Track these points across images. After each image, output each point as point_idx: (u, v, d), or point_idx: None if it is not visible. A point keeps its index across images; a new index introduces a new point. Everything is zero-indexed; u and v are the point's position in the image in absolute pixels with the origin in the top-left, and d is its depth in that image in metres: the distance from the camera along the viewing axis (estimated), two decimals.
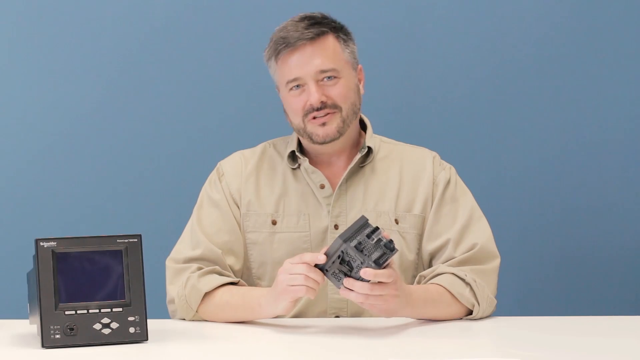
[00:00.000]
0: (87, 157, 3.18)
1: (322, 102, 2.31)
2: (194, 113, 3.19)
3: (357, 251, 2.02)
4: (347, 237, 2.02)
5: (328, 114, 2.32)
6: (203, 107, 3.19)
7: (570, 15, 3.18)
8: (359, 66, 2.42)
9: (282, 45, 2.32)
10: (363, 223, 2.04)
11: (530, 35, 3.19)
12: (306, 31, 2.32)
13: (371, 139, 2.43)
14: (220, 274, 2.33)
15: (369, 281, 2.04)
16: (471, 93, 3.20)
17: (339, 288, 2.08)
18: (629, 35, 3.18)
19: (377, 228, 2.03)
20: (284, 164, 2.43)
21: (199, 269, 2.33)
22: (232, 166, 2.45)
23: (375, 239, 2.03)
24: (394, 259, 2.08)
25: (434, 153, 2.47)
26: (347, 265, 2.05)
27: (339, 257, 2.04)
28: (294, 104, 2.34)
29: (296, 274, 2.09)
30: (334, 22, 2.37)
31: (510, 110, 3.20)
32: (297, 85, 2.33)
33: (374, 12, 3.16)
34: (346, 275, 2.05)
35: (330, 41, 2.34)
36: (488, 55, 3.19)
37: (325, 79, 2.33)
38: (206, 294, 2.29)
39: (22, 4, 3.16)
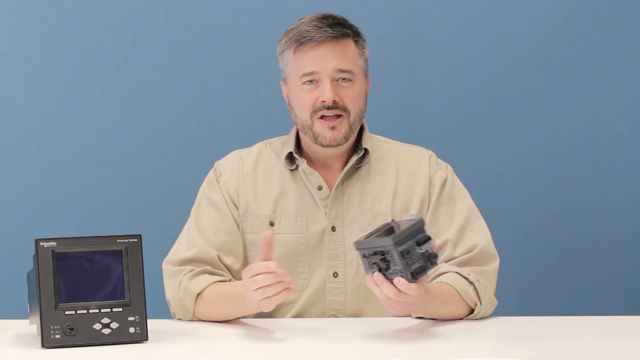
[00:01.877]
0: (87, 157, 3.18)
1: (334, 101, 2.31)
2: (193, 113, 3.19)
3: (402, 258, 1.99)
4: (398, 241, 1.98)
5: (337, 115, 2.32)
6: (202, 106, 3.19)
7: (570, 15, 3.18)
8: (368, 76, 2.42)
9: (306, 39, 2.31)
10: (419, 228, 2.01)
11: (530, 35, 3.19)
12: (330, 29, 2.32)
13: (367, 139, 2.42)
14: (212, 274, 2.33)
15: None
16: (470, 92, 3.19)
17: (367, 274, 2.05)
18: (629, 35, 3.18)
19: (429, 238, 2.01)
20: (281, 165, 2.42)
21: (191, 270, 2.33)
22: (229, 166, 2.44)
23: (424, 250, 2.01)
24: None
25: (430, 152, 2.47)
26: (385, 263, 2.03)
27: (382, 252, 2.01)
28: (305, 98, 2.33)
29: (256, 289, 2.08)
30: (354, 27, 2.37)
31: (509, 110, 3.20)
32: (311, 81, 2.33)
33: (372, 11, 3.16)
34: (380, 270, 2.04)
35: (350, 45, 2.35)
36: (487, 54, 3.19)
37: (340, 80, 2.32)
38: (198, 295, 2.29)
39: (22, 4, 3.16)
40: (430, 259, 2.01)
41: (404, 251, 1.99)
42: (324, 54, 2.31)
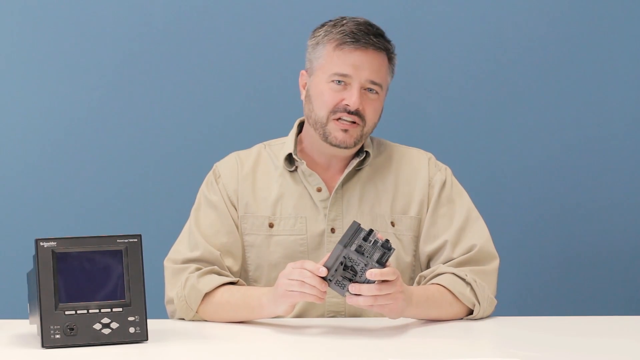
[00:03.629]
0: (87, 157, 3.18)
1: (357, 108, 2.31)
2: (194, 113, 3.19)
3: (359, 254, 2.02)
4: (346, 242, 2.03)
5: (354, 122, 2.32)
6: (202, 107, 3.19)
7: (570, 15, 3.18)
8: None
9: (353, 40, 2.31)
10: (357, 228, 2.04)
11: (530, 35, 3.19)
12: (375, 39, 2.32)
13: (369, 142, 2.42)
14: (219, 274, 2.33)
15: (374, 282, 2.04)
16: (470, 93, 3.19)
17: (344, 296, 2.07)
18: (629, 35, 3.18)
19: (371, 230, 2.04)
20: (280, 166, 2.42)
21: (198, 269, 2.33)
22: (228, 168, 2.44)
23: (372, 241, 2.04)
24: (391, 259, 2.08)
25: (429, 154, 2.47)
26: (350, 270, 2.05)
27: (341, 263, 2.04)
28: (329, 96, 2.32)
29: (294, 279, 2.10)
30: (392, 42, 2.38)
31: (509, 110, 3.20)
32: (339, 81, 2.32)
33: (370, 11, 3.16)
34: (351, 280, 2.05)
35: (385, 60, 2.36)
36: (486, 54, 3.19)
37: (367, 90, 2.32)
38: (206, 294, 2.29)
39: (22, 4, 3.16)
40: (385, 246, 2.04)
41: (357, 248, 2.02)
42: (362, 60, 2.31)
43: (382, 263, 2.03)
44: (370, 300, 2.05)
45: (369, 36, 2.32)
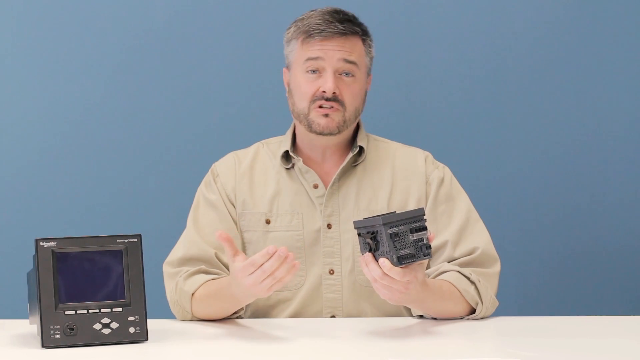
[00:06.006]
0: (87, 157, 3.18)
1: (333, 93, 2.32)
2: (194, 113, 3.19)
3: (389, 240, 1.99)
4: (388, 222, 1.99)
5: (333, 107, 2.33)
6: (203, 107, 3.19)
7: (569, 15, 3.18)
8: (370, 75, 2.42)
9: (315, 31, 2.33)
10: (416, 216, 2.00)
11: (529, 35, 3.18)
12: (340, 25, 2.34)
13: (363, 137, 2.43)
14: (207, 273, 2.33)
15: None
16: (469, 93, 3.19)
17: (362, 254, 2.06)
18: (629, 35, 3.18)
19: (425, 228, 2.01)
20: (277, 164, 2.43)
21: (187, 271, 2.33)
22: (226, 166, 2.45)
23: (416, 237, 2.00)
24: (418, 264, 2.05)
25: (427, 153, 2.47)
26: (375, 243, 2.03)
27: (372, 232, 2.02)
28: (306, 87, 2.34)
29: (264, 280, 2.04)
30: (363, 25, 2.39)
31: (509, 111, 3.20)
32: (314, 71, 2.33)
33: (371, 10, 3.16)
34: (370, 250, 2.04)
35: (358, 42, 2.37)
36: (486, 54, 3.19)
37: (343, 74, 2.34)
38: (193, 295, 2.29)
39: (22, 3, 3.16)
40: (423, 249, 2.01)
41: (393, 234, 1.99)
42: (331, 47, 2.33)
43: (401, 262, 2.00)
44: (371, 278, 2.04)
45: (333, 24, 2.33)
